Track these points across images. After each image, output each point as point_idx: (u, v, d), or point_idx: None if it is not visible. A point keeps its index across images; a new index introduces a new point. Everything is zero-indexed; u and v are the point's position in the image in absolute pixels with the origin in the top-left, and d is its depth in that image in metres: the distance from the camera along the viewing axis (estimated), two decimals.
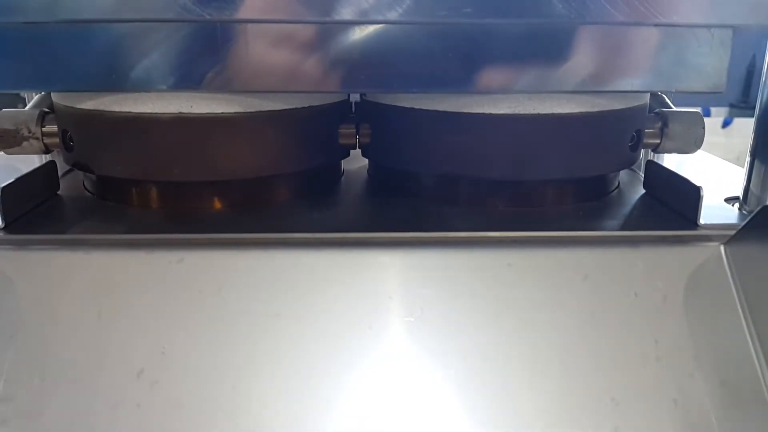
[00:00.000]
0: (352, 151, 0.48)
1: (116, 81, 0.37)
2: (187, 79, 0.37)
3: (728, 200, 0.44)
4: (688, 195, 0.40)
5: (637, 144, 0.45)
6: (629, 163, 0.45)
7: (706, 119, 0.47)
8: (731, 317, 0.36)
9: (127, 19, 0.36)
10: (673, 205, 0.43)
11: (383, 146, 0.45)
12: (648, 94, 0.46)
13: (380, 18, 0.36)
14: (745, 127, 1.96)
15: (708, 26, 0.38)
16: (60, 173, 0.46)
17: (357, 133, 0.45)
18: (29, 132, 0.44)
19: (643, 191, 0.47)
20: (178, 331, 0.34)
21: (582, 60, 0.38)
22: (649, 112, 0.47)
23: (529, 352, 0.35)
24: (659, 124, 0.46)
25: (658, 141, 0.46)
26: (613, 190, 0.47)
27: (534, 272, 0.37)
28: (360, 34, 0.37)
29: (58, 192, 0.45)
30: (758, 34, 0.40)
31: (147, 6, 0.34)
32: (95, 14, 0.35)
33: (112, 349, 0.34)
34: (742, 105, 1.99)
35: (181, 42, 0.37)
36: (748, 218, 0.37)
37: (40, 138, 0.44)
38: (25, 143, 0.44)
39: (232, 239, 0.38)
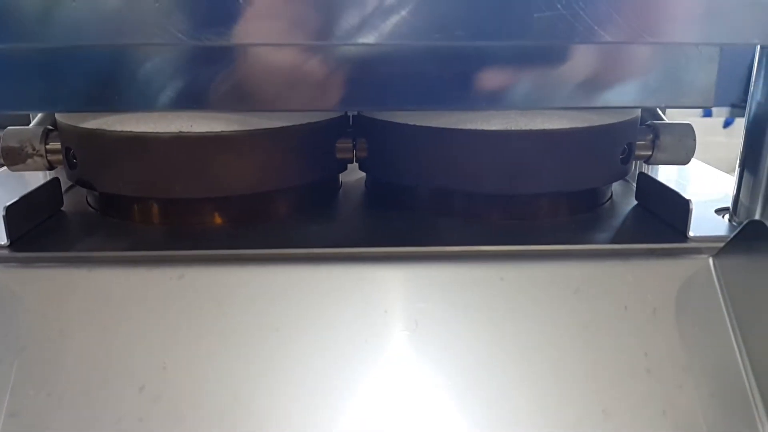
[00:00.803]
0: (349, 165, 0.49)
1: (118, 102, 0.38)
2: (186, 99, 0.38)
3: (718, 211, 0.45)
4: (678, 207, 0.41)
5: (628, 157, 0.45)
6: (620, 175, 0.46)
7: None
8: (720, 329, 0.37)
9: (125, 43, 0.37)
10: (664, 216, 0.43)
11: (379, 161, 0.46)
12: (639, 108, 0.47)
13: (374, 40, 0.37)
14: None
15: (696, 44, 0.39)
16: (64, 188, 0.47)
17: (354, 147, 0.46)
18: (33, 149, 0.45)
19: (635, 202, 0.48)
20: (179, 346, 0.35)
21: (572, 77, 0.39)
22: (641, 124, 0.47)
23: (521, 366, 0.35)
24: (651, 137, 0.47)
25: (649, 153, 0.47)
26: (606, 202, 0.48)
27: (526, 286, 0.37)
28: (355, 54, 0.38)
29: (62, 208, 0.46)
30: None
31: (144, 31, 0.35)
32: (93, 39, 0.36)
33: (116, 365, 0.35)
34: (743, 105, 1.99)
35: (180, 63, 0.38)
36: (735, 231, 0.37)
37: (44, 155, 0.45)
38: (29, 160, 0.45)
39: (231, 255, 0.38)
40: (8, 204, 0.39)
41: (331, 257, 0.39)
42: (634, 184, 0.50)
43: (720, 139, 1.92)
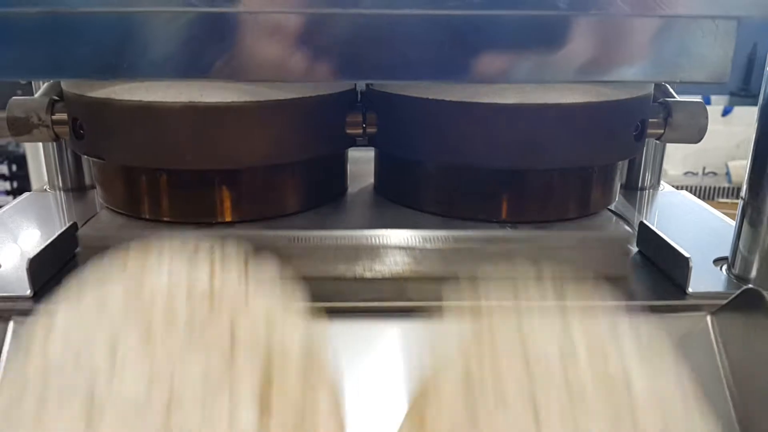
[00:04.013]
0: None
1: (127, 70, 0.38)
2: (197, 68, 0.38)
3: (717, 261, 0.44)
4: (678, 263, 0.41)
5: (641, 134, 0.45)
6: (633, 152, 0.46)
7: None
8: (716, 388, 0.36)
9: (134, 10, 0.36)
10: (664, 268, 0.43)
11: (390, 135, 0.46)
12: (652, 84, 0.46)
13: (386, 8, 0.36)
14: (746, 115, 1.97)
15: (712, 17, 0.38)
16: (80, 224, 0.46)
17: (364, 122, 0.46)
18: (39, 120, 0.44)
19: (636, 249, 0.47)
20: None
21: (587, 50, 0.38)
22: (653, 101, 0.47)
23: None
24: (663, 114, 0.47)
25: (661, 131, 0.47)
26: None
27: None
28: (368, 23, 0.37)
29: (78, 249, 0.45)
30: (760, 23, 0.41)
31: None
32: (101, 5, 0.36)
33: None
34: (742, 93, 2.00)
35: (190, 31, 0.37)
36: (731, 298, 0.37)
37: (50, 126, 0.44)
38: (35, 131, 0.44)
39: None
40: (32, 256, 0.39)
41: (341, 311, 0.38)
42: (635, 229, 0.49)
43: (719, 127, 1.94)
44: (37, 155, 1.58)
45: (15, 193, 1.93)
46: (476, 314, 0.38)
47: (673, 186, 0.63)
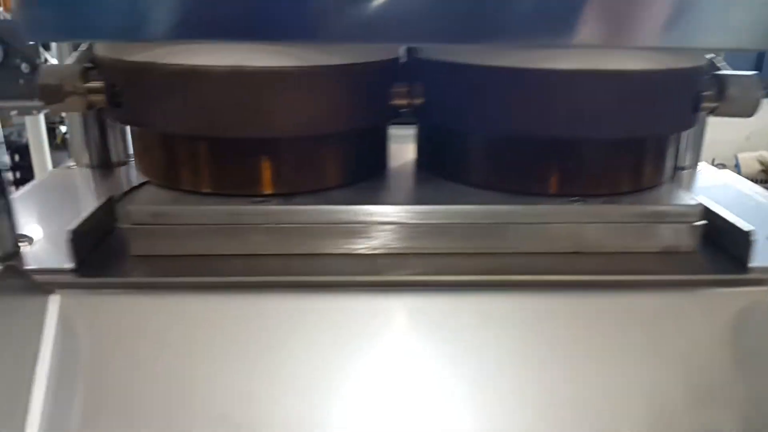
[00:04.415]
0: None
1: (168, 30, 0.36)
2: (242, 29, 0.36)
3: None
4: (738, 237, 0.40)
5: (697, 106, 0.44)
6: (690, 124, 0.44)
7: None
8: None
9: None
10: (722, 244, 0.42)
11: (438, 106, 0.44)
12: (706, 56, 0.45)
13: None
14: None
15: None
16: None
17: (410, 93, 0.44)
18: (73, 87, 0.42)
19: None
20: (257, 374, 0.34)
21: (651, 15, 0.37)
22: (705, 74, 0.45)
23: (587, 397, 0.35)
24: (717, 87, 0.45)
25: (715, 104, 0.45)
26: None
27: (592, 317, 0.37)
28: None
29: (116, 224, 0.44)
30: None
31: None
32: None
33: (192, 394, 0.34)
34: None
35: None
36: None
37: (84, 93, 0.42)
38: (68, 99, 0.42)
39: (300, 282, 0.38)
40: (73, 227, 0.37)
41: (396, 284, 0.38)
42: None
43: (728, 118, 1.93)
44: (40, 145, 1.55)
45: (18, 183, 1.90)
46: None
47: None
